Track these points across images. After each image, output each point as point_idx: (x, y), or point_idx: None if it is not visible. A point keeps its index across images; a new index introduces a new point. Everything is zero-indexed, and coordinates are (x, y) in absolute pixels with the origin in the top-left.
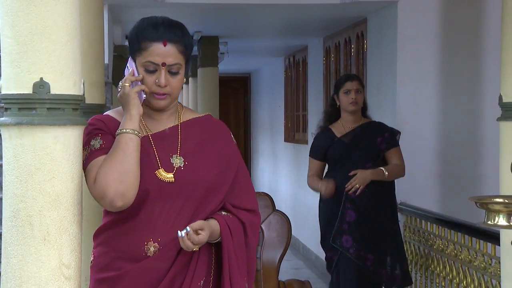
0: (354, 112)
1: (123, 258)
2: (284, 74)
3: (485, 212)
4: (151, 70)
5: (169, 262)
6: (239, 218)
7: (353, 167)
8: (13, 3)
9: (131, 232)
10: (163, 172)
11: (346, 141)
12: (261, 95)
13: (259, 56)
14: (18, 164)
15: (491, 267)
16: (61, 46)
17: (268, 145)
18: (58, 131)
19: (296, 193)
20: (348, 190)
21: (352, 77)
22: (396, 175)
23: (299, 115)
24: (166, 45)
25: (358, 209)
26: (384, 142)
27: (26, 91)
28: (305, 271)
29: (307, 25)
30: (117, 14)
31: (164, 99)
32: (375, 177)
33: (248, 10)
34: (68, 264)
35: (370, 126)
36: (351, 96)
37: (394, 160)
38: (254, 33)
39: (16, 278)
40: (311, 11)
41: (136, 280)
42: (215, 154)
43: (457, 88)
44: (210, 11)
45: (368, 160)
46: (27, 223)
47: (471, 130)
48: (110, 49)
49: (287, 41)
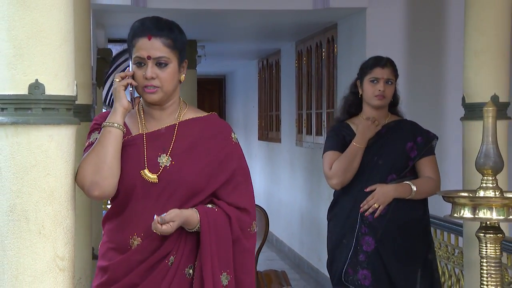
0: (379, 107)
1: (114, 250)
2: (258, 76)
3: (451, 205)
4: (140, 64)
5: (147, 255)
6: (225, 211)
7: (371, 180)
8: (10, 9)
9: (121, 226)
10: (148, 173)
11: (367, 144)
12: (236, 96)
13: (234, 59)
14: (14, 162)
15: (454, 257)
16: (55, 49)
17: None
18: (52, 130)
19: (269, 188)
20: (364, 210)
21: (384, 62)
22: (428, 192)
23: (272, 114)
24: (151, 39)
25: (378, 235)
26: (416, 149)
27: (22, 92)
28: (279, 262)
29: (280, 30)
30: (100, 18)
31: (154, 92)
32: (399, 194)
33: (225, 16)
34: (63, 256)
35: (400, 126)
36: (379, 87)
37: (427, 172)
38: (229, 37)
39: (12, 270)
40: (284, 16)
41: (119, 271)
42: (206, 154)
43: (422, 90)
44: (189, 16)
45: (392, 170)
46: (23, 217)
47: (434, 129)
48: (94, 52)
49: (261, 45)
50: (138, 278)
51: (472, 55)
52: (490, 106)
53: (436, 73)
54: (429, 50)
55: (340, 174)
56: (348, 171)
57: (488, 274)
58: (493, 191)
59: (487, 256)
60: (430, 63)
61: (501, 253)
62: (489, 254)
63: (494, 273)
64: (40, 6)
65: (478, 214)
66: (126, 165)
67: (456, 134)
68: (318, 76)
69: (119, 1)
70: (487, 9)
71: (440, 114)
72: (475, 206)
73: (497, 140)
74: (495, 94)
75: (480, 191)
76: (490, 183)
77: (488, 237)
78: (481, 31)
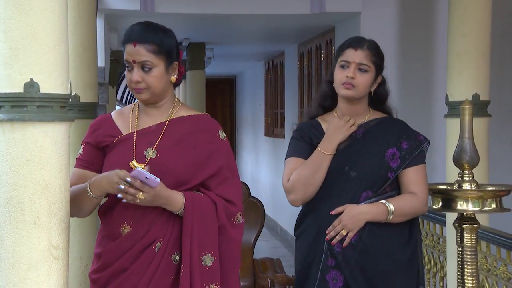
0: (351, 100)
1: (107, 237)
2: (265, 76)
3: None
4: (129, 68)
5: (135, 241)
6: (211, 198)
7: (340, 198)
8: (6, 11)
9: (113, 215)
10: (136, 163)
11: (337, 149)
12: (245, 95)
13: (243, 60)
14: (10, 156)
15: (439, 245)
16: (49, 50)
17: (251, 139)
18: (47, 126)
19: (274, 181)
20: (330, 238)
21: (359, 43)
22: (410, 213)
23: (277, 112)
24: (136, 46)
25: (349, 269)
26: (399, 157)
27: (17, 90)
28: (283, 250)
29: (283, 33)
30: (112, 22)
31: (141, 92)
32: (372, 217)
33: (231, 20)
34: (57, 245)
35: (382, 127)
36: (346, 73)
37: (411, 187)
38: (237, 39)
39: (9, 258)
40: (286, 20)
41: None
42: (191, 148)
43: (412, 89)
44: (197, 20)
45: (368, 186)
46: (19, 209)
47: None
48: (107, 53)
49: (267, 47)
50: (127, 263)
51: (454, 56)
52: (466, 104)
53: (426, 72)
54: (420, 51)
55: (299, 188)
56: (310, 185)
57: (465, 262)
58: (469, 184)
59: (463, 245)
60: (419, 64)
61: (477, 242)
62: (465, 243)
63: (470, 261)
64: (35, 9)
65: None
66: (117, 158)
67: (444, 130)
68: (317, 76)
69: (129, 6)
70: (469, 12)
71: (430, 111)
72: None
73: (473, 136)
74: (476, 93)
75: (457, 184)
76: (467, 176)
77: (464, 227)
78: (463, 33)
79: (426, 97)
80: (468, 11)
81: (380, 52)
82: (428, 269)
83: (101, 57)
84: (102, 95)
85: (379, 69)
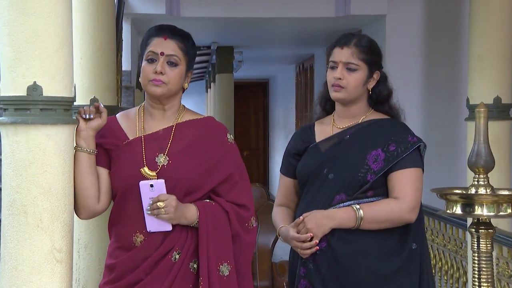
0: (343, 103)
1: (120, 248)
2: (295, 79)
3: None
4: (152, 60)
5: (151, 251)
6: (222, 206)
7: (315, 201)
8: (10, 15)
9: (123, 224)
10: (148, 170)
11: (322, 150)
12: (277, 98)
13: (274, 63)
14: (14, 159)
15: (461, 250)
16: (52, 53)
17: (282, 142)
18: (50, 129)
19: None
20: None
21: (345, 40)
22: (386, 220)
23: (307, 115)
24: (166, 39)
25: (320, 277)
26: (383, 160)
27: (21, 93)
28: None
29: (312, 36)
30: (139, 26)
31: (159, 85)
32: (339, 223)
33: (257, 23)
34: (60, 248)
35: (373, 128)
36: (334, 74)
37: (396, 191)
38: (266, 43)
39: (12, 261)
40: (313, 23)
41: (125, 268)
42: (202, 154)
43: (437, 92)
44: (223, 24)
45: (342, 188)
46: (22, 211)
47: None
48: (134, 57)
49: (297, 50)
50: (143, 274)
51: (475, 59)
52: (481, 107)
53: (451, 75)
54: (446, 54)
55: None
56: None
57: (480, 268)
58: (484, 189)
59: (478, 250)
60: (446, 66)
61: (492, 248)
62: (480, 249)
63: (485, 267)
64: (38, 12)
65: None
66: (125, 164)
67: None
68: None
69: (154, 11)
70: (490, 15)
71: (455, 115)
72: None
73: (488, 140)
74: (498, 96)
75: (472, 189)
76: (482, 180)
77: (480, 233)
78: (484, 36)
79: (451, 100)
80: (489, 13)
81: (373, 48)
82: (451, 274)
83: (127, 60)
84: (128, 98)
85: (373, 66)
